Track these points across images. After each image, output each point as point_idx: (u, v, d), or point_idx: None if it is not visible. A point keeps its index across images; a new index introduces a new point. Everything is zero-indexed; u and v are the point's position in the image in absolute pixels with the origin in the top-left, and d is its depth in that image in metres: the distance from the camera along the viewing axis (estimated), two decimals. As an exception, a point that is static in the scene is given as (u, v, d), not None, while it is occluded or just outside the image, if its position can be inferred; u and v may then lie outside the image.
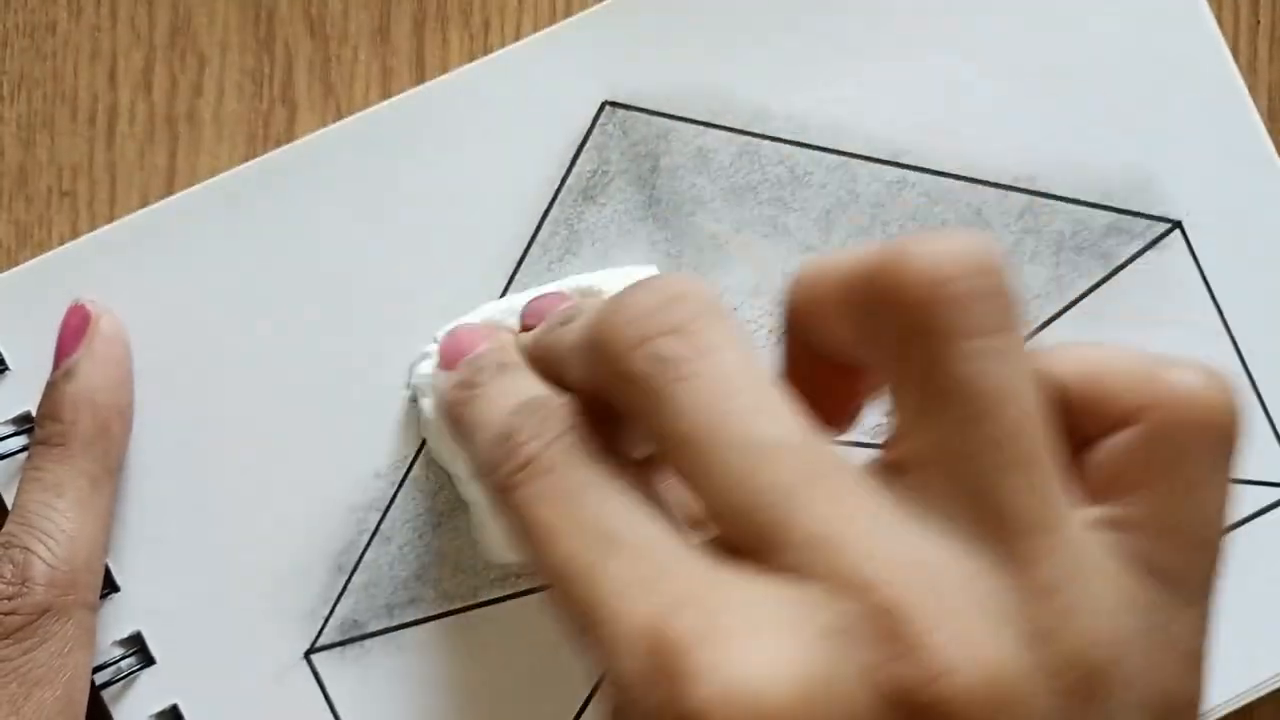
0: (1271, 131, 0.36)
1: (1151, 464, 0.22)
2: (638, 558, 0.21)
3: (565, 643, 0.32)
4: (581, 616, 0.21)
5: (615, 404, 0.23)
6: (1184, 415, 0.22)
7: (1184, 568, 0.21)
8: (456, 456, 0.34)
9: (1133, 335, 0.35)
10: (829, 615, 0.19)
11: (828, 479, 0.20)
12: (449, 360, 0.31)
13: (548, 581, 0.22)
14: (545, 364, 0.27)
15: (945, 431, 0.20)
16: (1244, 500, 0.35)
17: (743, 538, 0.20)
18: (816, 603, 0.19)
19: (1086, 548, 0.20)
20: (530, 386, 0.26)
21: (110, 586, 0.34)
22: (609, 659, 0.20)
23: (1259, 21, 0.37)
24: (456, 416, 0.28)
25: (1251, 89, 0.35)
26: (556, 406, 0.24)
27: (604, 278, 0.34)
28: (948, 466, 0.20)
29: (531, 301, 0.33)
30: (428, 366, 0.34)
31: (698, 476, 0.21)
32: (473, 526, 0.35)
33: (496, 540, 0.34)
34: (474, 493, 0.34)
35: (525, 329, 0.32)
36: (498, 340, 0.30)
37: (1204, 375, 0.22)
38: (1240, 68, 0.35)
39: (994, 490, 0.20)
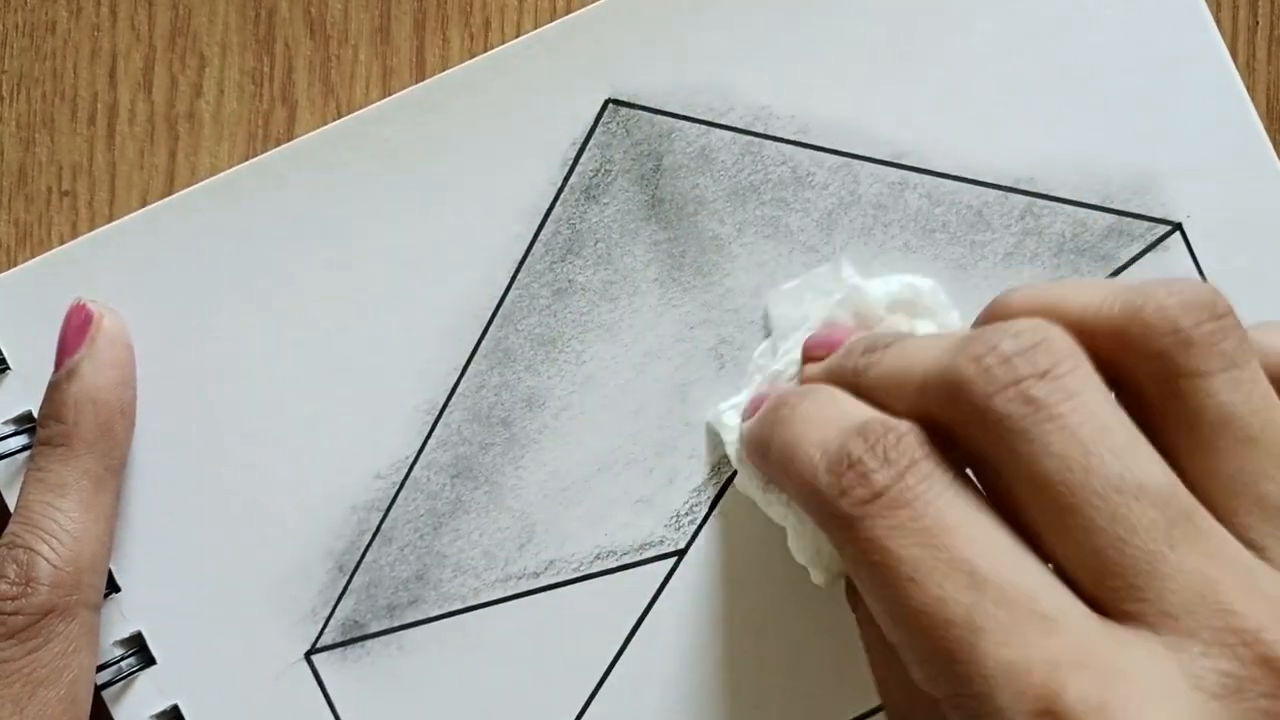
0: (1271, 132, 0.36)
1: None
2: (1021, 606, 0.20)
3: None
4: (951, 663, 0.20)
5: (970, 442, 0.23)
6: None
7: None
8: (758, 482, 0.32)
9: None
10: (1216, 677, 0.19)
11: (1194, 524, 0.20)
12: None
13: (903, 624, 0.21)
14: (852, 393, 0.27)
15: (1213, 462, 0.21)
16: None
17: (1111, 588, 0.20)
18: (1202, 664, 0.19)
19: None
20: (858, 408, 0.25)
21: (111, 586, 0.34)
22: (986, 710, 0.20)
23: (1257, 22, 0.37)
24: (767, 437, 0.27)
25: (1250, 90, 0.35)
26: (906, 430, 0.23)
27: (874, 286, 0.33)
28: (1237, 494, 0.21)
29: (813, 337, 0.32)
30: (737, 398, 0.34)
31: (1064, 517, 0.21)
32: (797, 551, 0.31)
33: (828, 568, 0.31)
34: (792, 516, 0.31)
35: (810, 360, 0.31)
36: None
37: None
38: (1238, 68, 0.35)
39: None
